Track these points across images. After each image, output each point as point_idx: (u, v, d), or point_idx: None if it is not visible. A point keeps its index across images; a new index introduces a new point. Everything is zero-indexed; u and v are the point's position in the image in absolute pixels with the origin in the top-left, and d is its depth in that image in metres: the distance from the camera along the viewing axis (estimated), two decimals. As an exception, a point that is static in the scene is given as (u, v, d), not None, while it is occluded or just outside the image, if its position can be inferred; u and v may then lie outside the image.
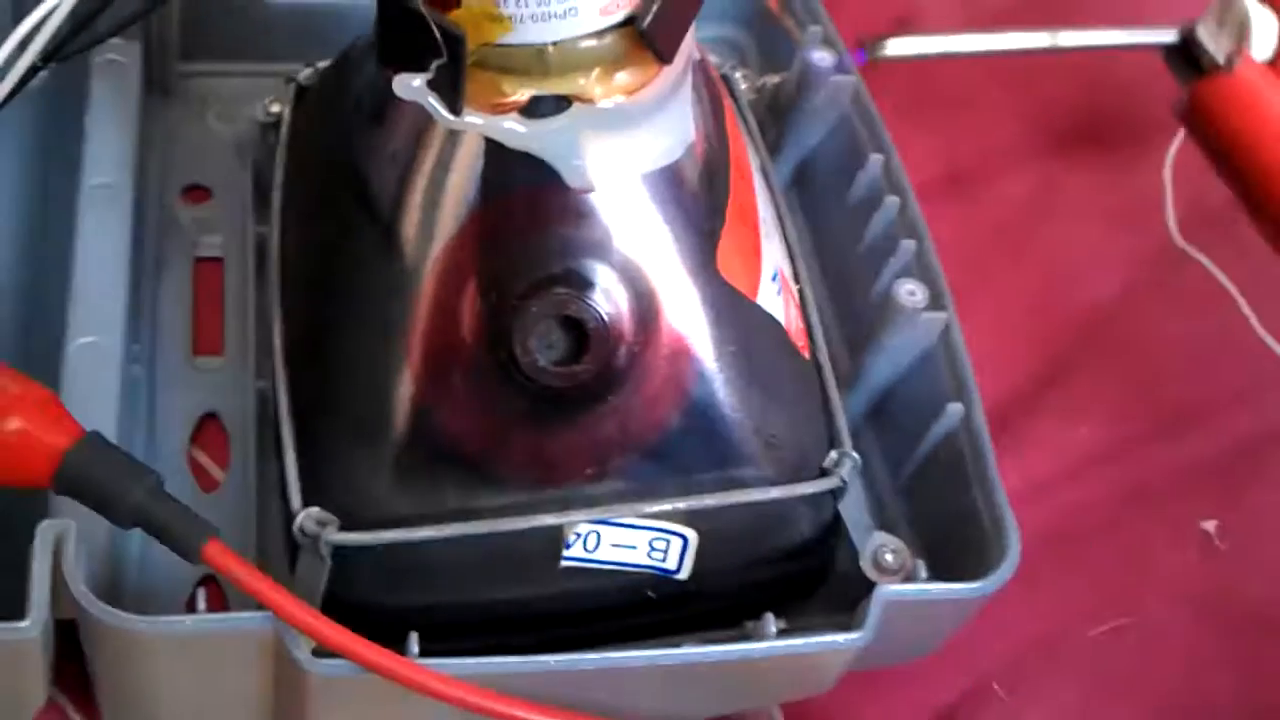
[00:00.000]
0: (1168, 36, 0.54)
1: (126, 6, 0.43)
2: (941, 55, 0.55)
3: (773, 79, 0.54)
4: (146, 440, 0.46)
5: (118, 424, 0.43)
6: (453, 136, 0.37)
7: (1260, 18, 0.52)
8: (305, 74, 0.48)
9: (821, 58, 0.51)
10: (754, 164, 0.45)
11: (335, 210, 0.41)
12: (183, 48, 0.54)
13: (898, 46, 0.53)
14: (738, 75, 0.53)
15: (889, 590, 0.41)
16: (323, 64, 0.47)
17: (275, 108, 0.50)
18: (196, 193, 0.53)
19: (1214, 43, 0.52)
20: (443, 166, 0.38)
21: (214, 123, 0.54)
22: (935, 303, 0.46)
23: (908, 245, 0.47)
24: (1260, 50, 0.53)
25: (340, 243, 0.41)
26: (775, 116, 0.54)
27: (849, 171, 0.51)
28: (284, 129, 0.47)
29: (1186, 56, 0.53)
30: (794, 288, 0.45)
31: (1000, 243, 0.57)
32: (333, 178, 0.42)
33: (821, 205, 0.53)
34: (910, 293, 0.46)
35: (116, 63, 0.51)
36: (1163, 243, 0.57)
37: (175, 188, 0.52)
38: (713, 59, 0.51)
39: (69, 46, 0.43)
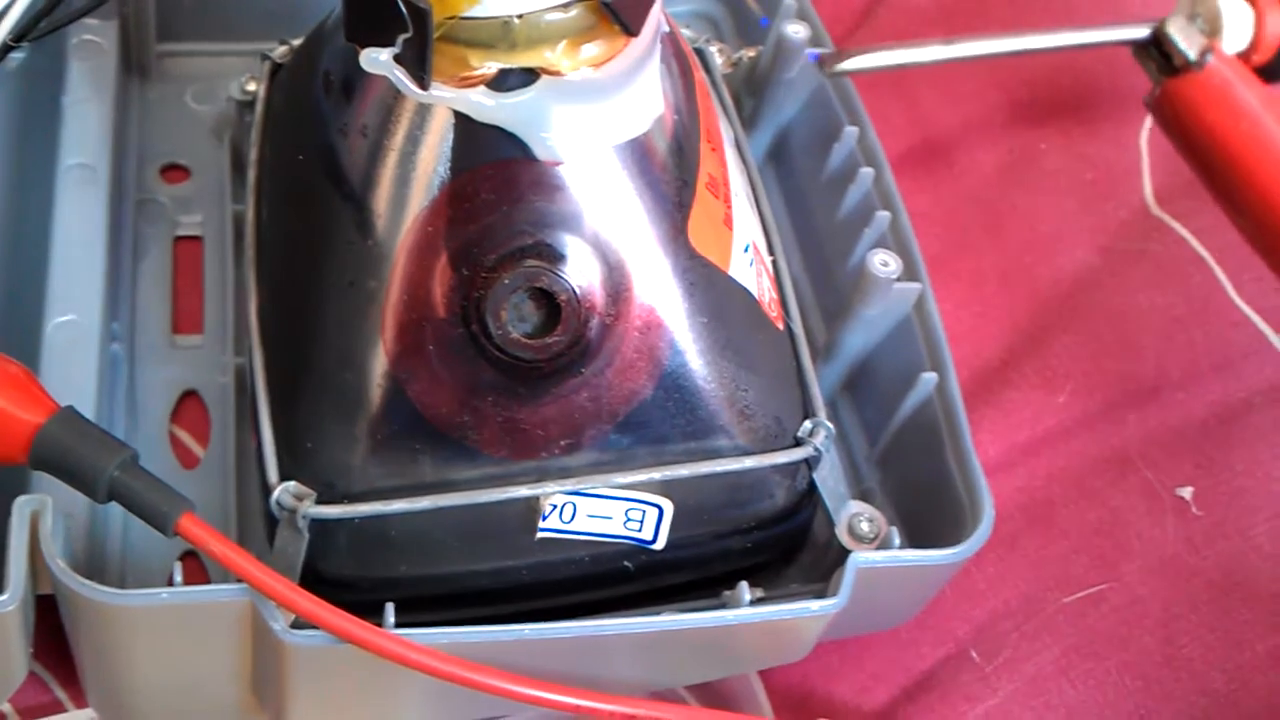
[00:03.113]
0: (1138, 33, 0.53)
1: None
2: (904, 66, 0.54)
3: (748, 53, 0.54)
4: (127, 418, 0.46)
5: (97, 402, 0.43)
6: (421, 110, 0.38)
7: (1232, 10, 0.52)
8: (279, 51, 0.48)
9: (796, 31, 0.51)
10: (727, 137, 0.45)
11: (308, 185, 0.41)
12: (159, 27, 0.54)
13: (858, 61, 0.51)
14: (713, 49, 0.53)
15: (863, 558, 0.41)
16: (297, 41, 0.48)
17: (251, 86, 0.50)
18: (175, 172, 0.53)
19: (1185, 38, 0.52)
20: (412, 140, 0.38)
21: (191, 102, 0.54)
22: (909, 273, 0.46)
23: (882, 216, 0.48)
24: (1232, 43, 0.53)
25: (313, 218, 0.41)
26: (751, 90, 0.54)
27: (824, 144, 0.51)
28: (259, 106, 0.47)
29: (1158, 53, 0.53)
30: (767, 259, 0.45)
31: (977, 212, 0.57)
32: (305, 153, 0.42)
33: (798, 178, 0.53)
34: (884, 264, 0.46)
35: (93, 43, 0.51)
36: (1139, 211, 0.57)
37: (154, 167, 0.53)
38: (687, 33, 0.51)
39: (42, 25, 0.43)
